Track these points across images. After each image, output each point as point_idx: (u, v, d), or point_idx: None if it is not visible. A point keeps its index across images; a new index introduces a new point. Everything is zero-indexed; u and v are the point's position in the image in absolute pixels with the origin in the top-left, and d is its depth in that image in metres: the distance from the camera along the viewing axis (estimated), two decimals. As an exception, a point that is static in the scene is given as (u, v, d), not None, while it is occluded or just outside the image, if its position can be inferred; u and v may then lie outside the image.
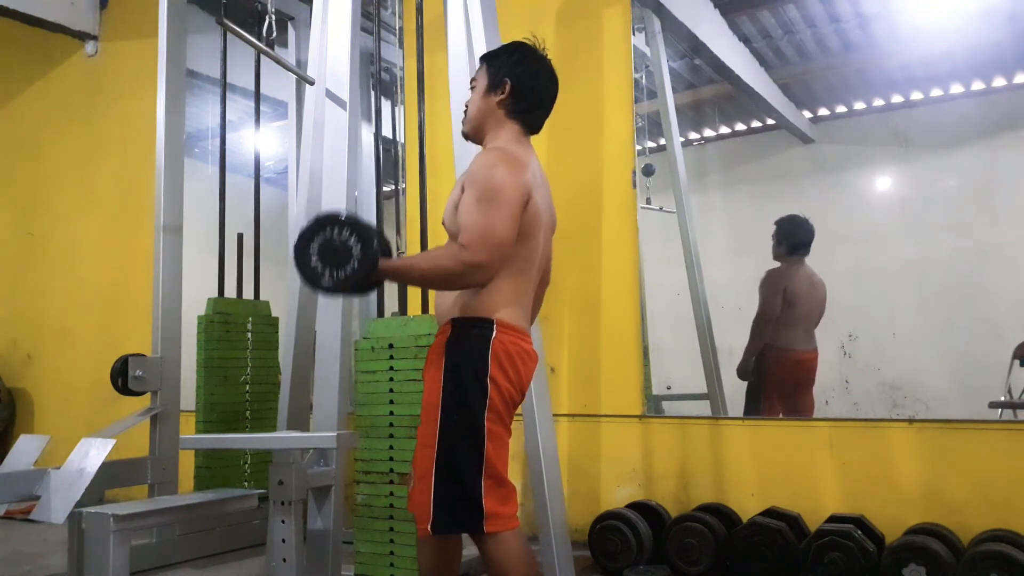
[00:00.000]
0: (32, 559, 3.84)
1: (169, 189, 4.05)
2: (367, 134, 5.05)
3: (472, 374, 2.00)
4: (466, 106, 2.29)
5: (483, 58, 2.34)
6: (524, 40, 2.29)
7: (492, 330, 2.02)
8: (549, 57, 2.29)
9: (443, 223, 2.16)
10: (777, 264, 4.48)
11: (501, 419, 2.04)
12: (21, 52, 6.49)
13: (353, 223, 1.93)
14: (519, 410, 3.02)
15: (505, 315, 2.05)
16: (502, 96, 2.19)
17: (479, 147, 2.28)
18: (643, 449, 3.90)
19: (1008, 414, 3.99)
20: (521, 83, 2.19)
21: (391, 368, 3.06)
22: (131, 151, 5.62)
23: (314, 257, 1.92)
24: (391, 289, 3.82)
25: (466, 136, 2.30)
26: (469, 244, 1.94)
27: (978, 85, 4.88)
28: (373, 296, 4.31)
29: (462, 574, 3.15)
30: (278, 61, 3.53)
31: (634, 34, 4.25)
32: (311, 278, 1.95)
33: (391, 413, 3.03)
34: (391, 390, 3.05)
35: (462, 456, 1.98)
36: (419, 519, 2.02)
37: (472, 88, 2.29)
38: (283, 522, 2.70)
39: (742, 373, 4.42)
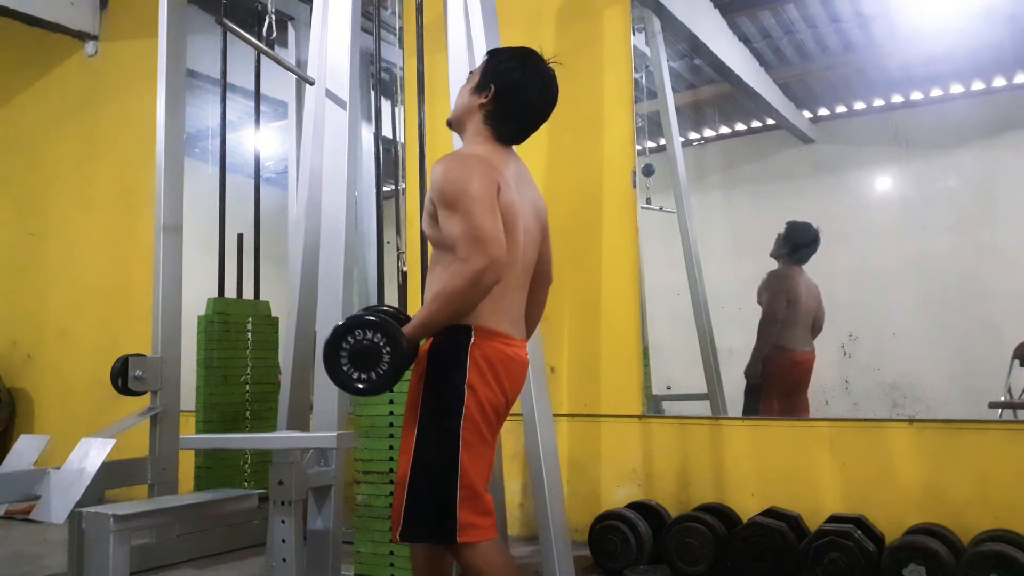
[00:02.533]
0: (32, 559, 3.84)
1: (169, 189, 4.04)
2: (367, 134, 5.05)
3: (449, 382, 1.98)
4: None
5: (488, 52, 2.28)
6: (533, 50, 2.21)
7: (470, 337, 1.99)
8: (543, 55, 2.20)
9: (422, 231, 2.14)
10: (775, 264, 4.49)
11: (478, 429, 1.98)
12: (21, 52, 6.49)
13: (377, 325, 1.94)
14: (518, 410, 3.03)
15: (486, 320, 2.01)
16: (483, 100, 2.13)
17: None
18: (643, 449, 3.90)
19: (1008, 414, 3.99)
20: (505, 93, 2.12)
21: (391, 368, 3.06)
22: (131, 151, 5.62)
23: (346, 365, 1.96)
24: (391, 289, 3.83)
25: (449, 125, 2.27)
26: (466, 255, 1.90)
27: (978, 85, 4.88)
28: (373, 296, 4.32)
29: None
30: (278, 61, 3.53)
31: (634, 34, 4.25)
32: (345, 386, 1.99)
33: (391, 413, 3.03)
34: (391, 390, 3.04)
35: (436, 465, 1.96)
36: (392, 525, 2.01)
37: (469, 77, 2.24)
38: (283, 522, 2.70)
39: (750, 374, 4.42)
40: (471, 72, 2.27)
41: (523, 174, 2.19)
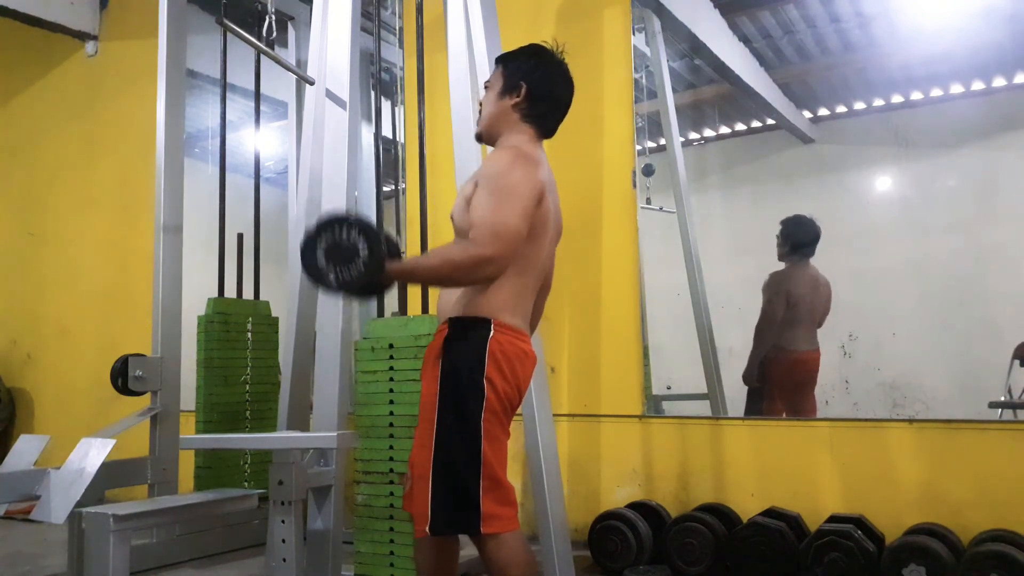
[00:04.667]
0: (32, 559, 3.84)
1: (169, 189, 4.05)
2: (367, 134, 5.05)
3: (469, 375, 1.99)
4: (480, 107, 2.29)
5: (499, 59, 2.32)
6: (543, 43, 2.27)
7: (490, 330, 2.01)
8: (564, 60, 2.26)
9: (451, 217, 2.15)
10: (782, 266, 4.47)
11: (498, 420, 2.02)
12: (21, 52, 6.49)
13: (360, 223, 1.92)
14: (519, 410, 3.03)
15: (504, 316, 2.04)
16: (517, 99, 2.18)
17: (484, 147, 2.28)
18: (643, 449, 3.90)
19: (1008, 414, 3.99)
20: (537, 87, 2.18)
21: (391, 368, 3.06)
22: (131, 151, 5.62)
23: (321, 256, 1.92)
24: (391, 289, 3.83)
25: (479, 138, 2.30)
26: (479, 238, 1.93)
27: (978, 85, 4.88)
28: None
29: (461, 574, 3.15)
30: (278, 61, 3.53)
31: (634, 34, 4.25)
32: (317, 277, 1.94)
33: (391, 413, 3.03)
34: (391, 390, 3.05)
35: (459, 458, 1.97)
36: (417, 520, 2.02)
37: (487, 89, 2.28)
38: (283, 522, 2.70)
39: (748, 378, 4.40)
40: (487, 83, 2.30)
41: (552, 179, 2.22)
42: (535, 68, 2.20)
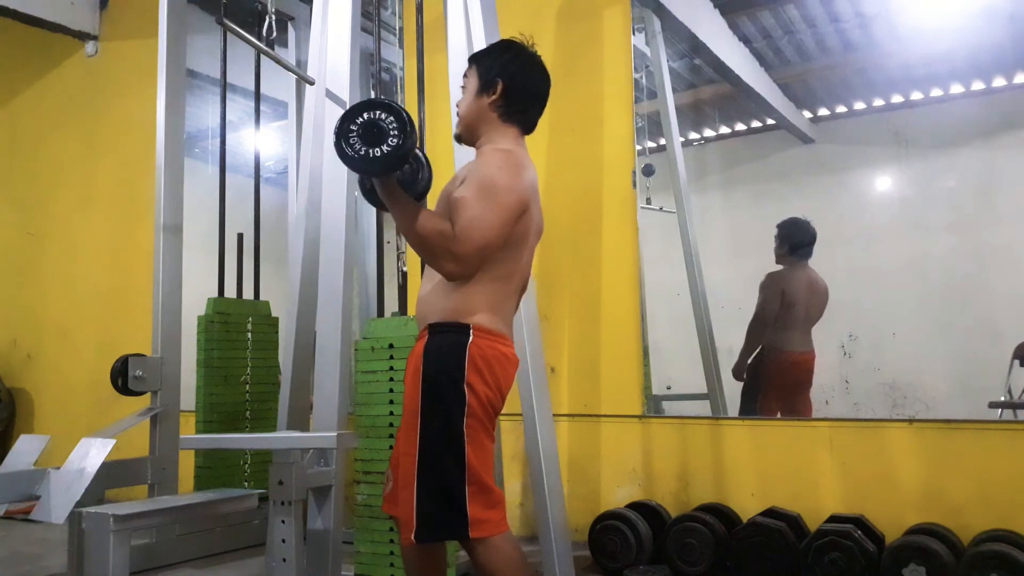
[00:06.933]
0: (32, 559, 3.84)
1: (169, 189, 4.05)
2: (367, 134, 5.04)
3: (449, 380, 1.98)
4: (458, 107, 2.25)
5: (472, 59, 2.29)
6: (513, 38, 2.25)
7: (469, 335, 2.00)
8: (542, 55, 2.24)
9: None
10: (779, 267, 4.48)
11: (482, 425, 2.00)
12: (21, 52, 6.50)
13: (404, 116, 1.91)
14: (519, 410, 3.03)
15: (483, 320, 2.02)
16: (494, 97, 2.15)
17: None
18: (643, 449, 3.90)
19: (1008, 414, 3.99)
20: (513, 83, 2.15)
21: (391, 368, 3.06)
22: (131, 151, 5.62)
23: (353, 126, 1.94)
24: (391, 289, 3.83)
25: (458, 139, 2.27)
26: (459, 234, 1.94)
27: (978, 85, 4.88)
28: (373, 296, 4.31)
29: (462, 575, 3.16)
30: (278, 61, 3.53)
31: (634, 34, 4.25)
32: (339, 137, 1.95)
33: (391, 413, 3.03)
34: (391, 390, 3.05)
35: (443, 464, 1.96)
36: (403, 528, 2.01)
37: (463, 89, 2.25)
38: (283, 522, 2.70)
39: (737, 373, 4.42)
40: (463, 81, 2.27)
41: (536, 180, 2.19)
42: (509, 63, 2.16)
